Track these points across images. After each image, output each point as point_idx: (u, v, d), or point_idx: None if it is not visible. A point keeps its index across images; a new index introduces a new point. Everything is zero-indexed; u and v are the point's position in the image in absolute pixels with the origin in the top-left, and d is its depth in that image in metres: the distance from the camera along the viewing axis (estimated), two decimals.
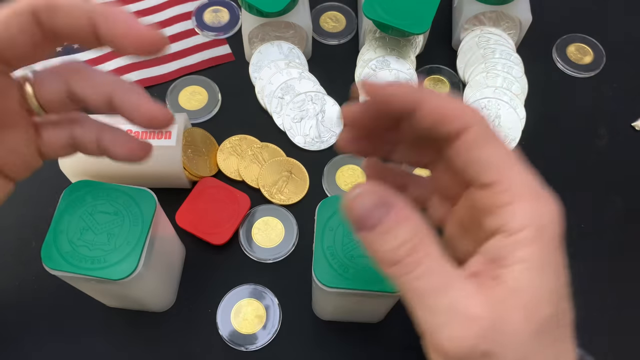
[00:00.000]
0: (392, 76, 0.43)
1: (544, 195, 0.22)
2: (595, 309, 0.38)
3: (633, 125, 0.45)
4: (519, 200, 0.22)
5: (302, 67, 0.44)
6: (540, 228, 0.21)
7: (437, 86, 0.46)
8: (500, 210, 0.22)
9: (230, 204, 0.39)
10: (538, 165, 0.45)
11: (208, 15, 0.49)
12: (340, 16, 0.49)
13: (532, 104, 0.44)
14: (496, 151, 0.22)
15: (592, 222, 0.41)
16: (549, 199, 0.22)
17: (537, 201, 0.22)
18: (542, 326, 0.21)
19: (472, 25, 0.46)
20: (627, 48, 0.48)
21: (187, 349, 0.35)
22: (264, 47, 0.44)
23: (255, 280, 0.37)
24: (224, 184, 0.40)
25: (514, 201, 0.22)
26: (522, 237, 0.21)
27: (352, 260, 0.28)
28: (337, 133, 0.43)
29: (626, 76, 0.47)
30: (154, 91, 0.45)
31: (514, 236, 0.21)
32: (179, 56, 0.47)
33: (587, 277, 0.39)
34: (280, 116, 0.43)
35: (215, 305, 0.36)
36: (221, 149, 0.42)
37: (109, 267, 0.28)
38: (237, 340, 0.35)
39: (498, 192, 0.22)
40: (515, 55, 0.44)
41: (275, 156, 0.42)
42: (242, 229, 0.39)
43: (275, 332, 0.36)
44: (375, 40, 0.45)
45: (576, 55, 0.48)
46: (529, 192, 0.22)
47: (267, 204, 0.40)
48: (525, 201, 0.22)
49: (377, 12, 0.41)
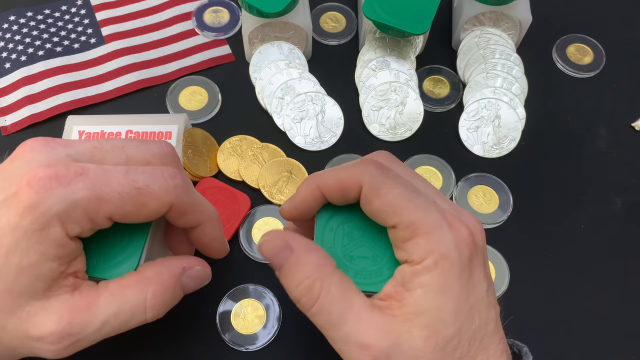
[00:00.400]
0: (392, 76, 0.43)
1: (443, 225, 0.25)
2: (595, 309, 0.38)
3: (633, 125, 0.45)
4: (418, 234, 0.25)
5: (302, 68, 0.44)
6: (440, 256, 0.24)
7: (437, 86, 0.46)
8: (405, 245, 0.25)
9: (230, 204, 0.39)
10: (538, 165, 0.46)
11: (208, 16, 0.49)
12: (340, 16, 0.49)
13: (532, 104, 0.44)
14: (390, 197, 0.25)
15: (592, 222, 0.41)
16: (451, 228, 0.25)
17: (436, 232, 0.24)
18: (445, 344, 0.24)
19: (472, 25, 0.46)
20: (627, 48, 0.48)
21: (187, 349, 0.35)
22: (264, 47, 0.44)
23: (255, 280, 0.37)
24: (224, 185, 0.40)
25: (415, 236, 0.25)
26: (423, 266, 0.24)
27: (352, 261, 0.28)
28: (337, 133, 0.43)
29: (626, 76, 0.47)
30: (154, 91, 0.45)
31: (417, 265, 0.24)
32: (179, 56, 0.47)
33: (587, 278, 0.39)
34: (281, 116, 0.43)
35: (215, 305, 0.36)
36: (221, 150, 0.42)
37: (109, 267, 0.28)
38: (237, 340, 0.35)
39: (401, 230, 0.25)
40: (515, 55, 0.44)
41: (275, 156, 0.42)
42: (242, 229, 0.39)
43: (275, 332, 0.36)
44: (375, 41, 0.45)
45: (576, 56, 0.48)
46: (427, 225, 0.25)
47: (268, 205, 0.40)
48: (424, 234, 0.24)
49: (377, 13, 0.41)
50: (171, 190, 0.27)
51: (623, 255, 0.39)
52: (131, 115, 0.39)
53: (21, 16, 0.48)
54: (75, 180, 0.25)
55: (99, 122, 0.38)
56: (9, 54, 0.46)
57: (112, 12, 0.49)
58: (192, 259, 0.30)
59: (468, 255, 0.25)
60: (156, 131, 0.38)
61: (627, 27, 0.50)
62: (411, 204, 0.25)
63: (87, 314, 0.25)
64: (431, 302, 0.24)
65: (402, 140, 0.43)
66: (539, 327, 0.37)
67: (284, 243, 0.26)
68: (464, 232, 0.25)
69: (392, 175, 0.26)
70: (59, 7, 0.49)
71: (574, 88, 0.46)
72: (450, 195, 0.41)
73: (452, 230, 0.25)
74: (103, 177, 0.25)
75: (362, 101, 0.44)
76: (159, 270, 0.28)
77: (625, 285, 0.38)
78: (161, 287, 0.27)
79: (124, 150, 0.28)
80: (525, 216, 0.41)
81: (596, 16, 0.50)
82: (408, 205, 0.25)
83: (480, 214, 0.40)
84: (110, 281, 0.27)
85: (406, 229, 0.25)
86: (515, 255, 0.39)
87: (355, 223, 0.28)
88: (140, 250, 0.29)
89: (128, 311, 0.26)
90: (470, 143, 0.43)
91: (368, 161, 0.27)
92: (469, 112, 0.43)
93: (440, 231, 0.25)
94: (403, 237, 0.25)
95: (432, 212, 0.25)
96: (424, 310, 0.24)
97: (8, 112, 0.44)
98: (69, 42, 0.47)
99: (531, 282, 0.38)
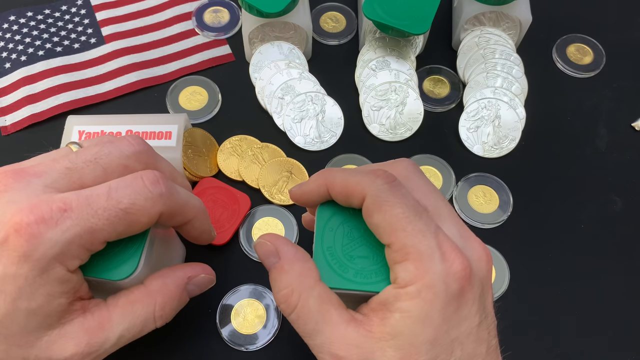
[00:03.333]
0: (392, 76, 0.43)
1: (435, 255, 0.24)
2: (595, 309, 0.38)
3: (633, 125, 0.45)
4: (409, 259, 0.25)
5: (302, 68, 0.44)
6: (425, 285, 0.24)
7: (437, 86, 0.46)
8: (395, 266, 0.25)
9: (230, 204, 0.39)
10: (538, 165, 0.46)
11: (208, 16, 0.49)
12: (340, 16, 0.49)
13: (532, 104, 0.44)
14: (389, 216, 0.25)
15: (592, 222, 0.41)
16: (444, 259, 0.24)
17: (426, 261, 0.24)
18: None
19: (472, 25, 0.46)
20: (627, 48, 0.48)
21: (187, 349, 0.35)
22: (264, 47, 0.44)
23: (255, 280, 0.37)
24: (224, 184, 0.40)
25: (405, 260, 0.25)
26: (407, 291, 0.24)
27: (352, 261, 0.28)
28: (337, 133, 0.43)
29: (626, 76, 0.47)
30: (154, 91, 0.45)
31: (402, 289, 0.24)
32: (179, 56, 0.47)
33: (587, 278, 0.39)
34: (281, 116, 0.43)
35: (215, 306, 0.36)
36: (221, 149, 0.42)
37: (109, 268, 0.28)
38: (237, 340, 0.35)
39: (393, 251, 0.25)
40: (515, 55, 0.44)
41: (275, 156, 0.42)
42: (242, 229, 0.39)
43: (275, 332, 0.36)
44: (375, 41, 0.45)
45: (576, 56, 0.48)
46: (419, 252, 0.24)
47: (268, 204, 0.40)
48: (414, 261, 0.24)
49: (377, 13, 0.41)
50: (157, 200, 0.26)
51: (623, 255, 0.39)
52: (131, 115, 0.39)
53: (21, 16, 0.48)
54: (62, 219, 0.24)
55: (99, 122, 0.38)
56: (9, 54, 0.46)
57: (112, 12, 0.49)
58: (196, 267, 0.31)
59: (457, 288, 0.24)
60: (156, 131, 0.38)
61: (627, 27, 0.50)
62: (409, 227, 0.25)
63: (103, 332, 0.27)
64: (407, 328, 0.24)
65: (402, 140, 0.43)
66: (539, 327, 0.37)
67: (274, 249, 0.28)
68: (457, 265, 0.24)
69: (399, 193, 0.25)
70: (59, 7, 0.49)
71: (574, 88, 0.46)
72: (450, 195, 0.41)
73: (444, 262, 0.24)
74: (88, 208, 0.25)
75: (362, 101, 0.44)
76: (165, 282, 0.29)
77: (625, 285, 0.38)
78: (168, 299, 0.29)
79: (98, 163, 0.27)
80: (525, 216, 0.41)
81: (596, 16, 0.50)
82: (405, 228, 0.25)
83: (480, 213, 0.40)
84: (118, 297, 0.28)
85: (399, 250, 0.25)
86: (515, 255, 0.39)
87: (355, 223, 0.28)
88: (141, 250, 0.29)
89: (139, 324, 0.28)
90: (470, 143, 0.43)
91: (380, 173, 0.26)
92: (469, 112, 0.43)
93: (430, 261, 0.24)
94: (395, 258, 0.25)
95: (427, 239, 0.24)
96: (399, 334, 0.24)
97: (8, 112, 0.44)
98: (69, 42, 0.47)
99: (531, 282, 0.38)
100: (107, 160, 0.27)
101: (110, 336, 0.27)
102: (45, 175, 0.26)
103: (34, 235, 0.24)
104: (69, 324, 0.26)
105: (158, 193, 0.26)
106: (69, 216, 0.24)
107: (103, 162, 0.27)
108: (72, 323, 0.26)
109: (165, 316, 0.29)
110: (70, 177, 0.26)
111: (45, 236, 0.24)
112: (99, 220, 0.25)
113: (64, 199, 0.25)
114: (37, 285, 0.24)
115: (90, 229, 0.25)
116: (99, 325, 0.27)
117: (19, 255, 0.24)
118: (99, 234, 0.25)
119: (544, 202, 0.41)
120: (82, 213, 0.25)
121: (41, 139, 0.42)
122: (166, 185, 0.27)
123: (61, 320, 0.26)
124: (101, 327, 0.27)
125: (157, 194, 0.26)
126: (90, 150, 0.28)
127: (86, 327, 0.26)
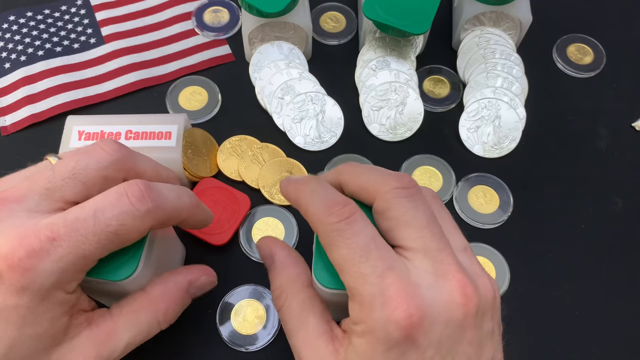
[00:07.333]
0: (392, 76, 0.43)
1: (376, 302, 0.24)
2: (595, 309, 0.38)
3: (633, 125, 0.45)
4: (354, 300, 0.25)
5: (302, 68, 0.44)
6: (367, 329, 0.24)
7: (438, 86, 0.46)
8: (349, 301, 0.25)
9: (230, 204, 0.39)
10: (538, 165, 0.46)
11: (208, 16, 0.49)
12: (340, 16, 0.49)
13: (532, 104, 0.44)
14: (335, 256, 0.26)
15: (592, 222, 0.41)
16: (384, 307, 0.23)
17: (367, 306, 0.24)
18: None
19: (472, 25, 0.46)
20: (627, 48, 0.48)
21: (187, 349, 0.35)
22: (264, 47, 0.44)
23: (255, 280, 0.37)
24: (224, 185, 0.40)
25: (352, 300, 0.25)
26: (354, 329, 0.25)
27: None
28: (337, 133, 0.43)
29: (626, 76, 0.47)
30: (154, 91, 0.45)
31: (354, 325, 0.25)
32: (179, 56, 0.47)
33: (587, 278, 0.39)
34: (281, 116, 0.43)
35: (215, 306, 0.36)
36: (221, 150, 0.42)
37: (109, 268, 0.28)
38: (237, 340, 0.35)
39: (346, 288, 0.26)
40: (515, 55, 0.44)
41: (275, 156, 0.42)
42: (242, 230, 0.39)
43: (275, 333, 0.36)
44: (375, 41, 0.45)
45: (576, 55, 0.48)
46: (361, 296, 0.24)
47: (268, 205, 0.40)
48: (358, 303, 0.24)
49: (377, 13, 0.41)
50: (145, 217, 0.26)
51: (623, 255, 0.39)
52: (131, 115, 0.39)
53: (21, 16, 0.48)
54: (53, 248, 0.24)
55: (99, 122, 0.38)
56: (8, 54, 0.46)
57: (112, 12, 0.49)
58: (197, 270, 0.32)
59: (400, 336, 0.23)
60: (156, 131, 0.38)
61: (627, 27, 0.50)
62: (353, 269, 0.24)
63: (110, 342, 0.27)
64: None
65: (402, 140, 0.43)
66: (539, 327, 0.37)
67: (271, 252, 0.31)
68: (400, 312, 0.23)
69: (351, 231, 0.25)
70: (59, 7, 0.49)
71: (574, 88, 0.46)
72: (451, 196, 0.41)
73: (384, 309, 0.23)
74: (77, 234, 0.25)
75: (362, 101, 0.44)
76: (167, 288, 0.30)
77: (625, 285, 0.38)
78: (171, 304, 0.30)
79: (77, 178, 0.26)
80: (525, 216, 0.41)
81: (596, 16, 0.50)
82: (350, 270, 0.24)
83: (481, 214, 0.40)
84: (122, 306, 0.29)
85: (348, 289, 0.25)
86: (515, 255, 0.39)
87: None
88: (141, 251, 0.29)
89: (145, 330, 0.29)
90: (470, 143, 0.43)
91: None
92: (469, 112, 0.43)
93: (370, 307, 0.24)
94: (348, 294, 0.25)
95: (369, 284, 0.24)
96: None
97: (8, 112, 0.44)
98: (68, 42, 0.47)
99: (531, 282, 0.38)
100: (85, 174, 0.27)
101: (118, 345, 0.28)
102: (25, 199, 0.26)
103: (28, 269, 0.24)
104: (77, 337, 0.27)
105: (145, 210, 0.26)
106: (59, 244, 0.24)
107: (82, 176, 0.26)
108: (80, 336, 0.27)
109: (169, 320, 0.30)
110: (51, 197, 0.26)
111: (40, 268, 0.24)
112: (90, 245, 0.25)
113: (51, 227, 0.24)
114: (39, 312, 0.25)
115: (83, 255, 0.25)
116: (106, 336, 0.27)
117: (16, 289, 0.24)
118: (92, 256, 0.25)
119: (544, 202, 0.41)
120: (72, 240, 0.24)
121: (41, 139, 0.42)
122: (152, 199, 0.26)
123: (68, 335, 0.26)
124: (108, 337, 0.27)
125: (144, 211, 0.26)
126: (67, 165, 0.27)
127: (93, 339, 0.27)
